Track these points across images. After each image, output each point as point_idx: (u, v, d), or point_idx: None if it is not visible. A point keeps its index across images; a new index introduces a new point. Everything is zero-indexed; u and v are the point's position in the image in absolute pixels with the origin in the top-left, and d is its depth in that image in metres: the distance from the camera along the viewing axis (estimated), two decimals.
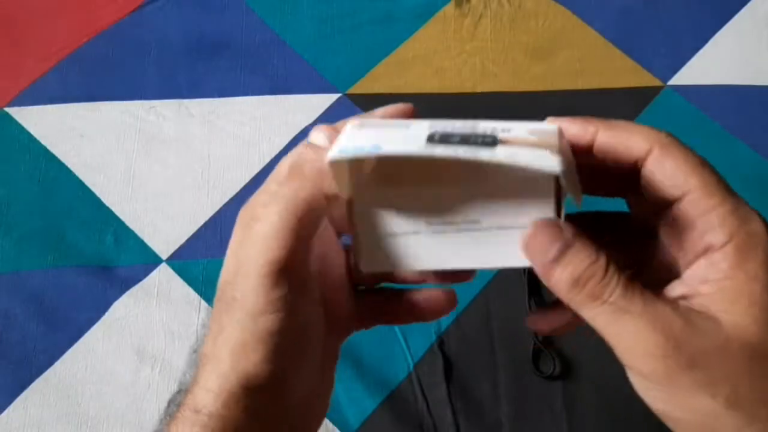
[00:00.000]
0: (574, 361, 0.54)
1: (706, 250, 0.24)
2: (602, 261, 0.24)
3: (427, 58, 0.66)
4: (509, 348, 0.54)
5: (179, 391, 0.27)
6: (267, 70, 0.66)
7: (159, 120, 0.64)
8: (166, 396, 0.53)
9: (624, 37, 0.67)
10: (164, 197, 0.61)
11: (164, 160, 0.62)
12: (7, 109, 0.64)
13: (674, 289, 0.25)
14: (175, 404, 0.27)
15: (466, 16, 0.68)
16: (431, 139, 0.23)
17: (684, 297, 0.24)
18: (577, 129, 0.25)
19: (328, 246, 0.29)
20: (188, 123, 0.64)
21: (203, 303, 0.56)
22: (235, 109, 0.64)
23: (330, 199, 0.26)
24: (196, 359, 0.27)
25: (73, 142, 0.63)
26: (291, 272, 0.25)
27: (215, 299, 0.27)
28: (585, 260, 0.24)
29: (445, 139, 0.23)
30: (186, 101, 0.65)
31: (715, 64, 0.65)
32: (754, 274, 0.23)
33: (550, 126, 0.25)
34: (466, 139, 0.23)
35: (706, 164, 0.24)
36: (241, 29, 0.68)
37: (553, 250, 0.24)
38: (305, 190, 0.25)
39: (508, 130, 0.24)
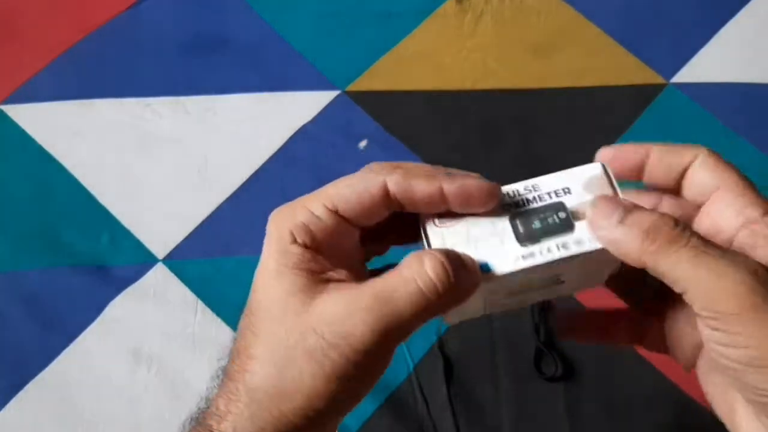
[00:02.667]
0: (577, 363, 0.53)
1: (746, 223, 0.26)
2: (668, 216, 0.25)
3: (427, 54, 0.66)
4: (511, 349, 0.54)
5: (200, 410, 0.27)
6: (265, 67, 0.66)
7: (155, 118, 0.63)
8: (162, 398, 0.53)
9: (627, 33, 0.66)
10: (160, 196, 0.60)
11: (160, 158, 0.62)
12: (1, 107, 0.64)
13: None
14: (194, 420, 0.27)
15: (467, 13, 0.67)
16: (517, 232, 0.27)
17: None
18: (631, 152, 0.29)
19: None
20: (185, 121, 0.63)
21: (200, 303, 0.56)
22: (232, 107, 0.64)
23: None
24: (220, 372, 0.27)
25: (68, 140, 0.62)
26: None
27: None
28: (652, 215, 0.25)
29: (530, 233, 0.27)
30: (182, 99, 0.64)
31: (719, 61, 0.64)
32: None
33: (594, 170, 0.28)
34: (546, 227, 0.27)
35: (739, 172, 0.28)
36: (238, 25, 0.67)
37: (617, 213, 0.26)
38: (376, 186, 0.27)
39: (568, 191, 0.27)
